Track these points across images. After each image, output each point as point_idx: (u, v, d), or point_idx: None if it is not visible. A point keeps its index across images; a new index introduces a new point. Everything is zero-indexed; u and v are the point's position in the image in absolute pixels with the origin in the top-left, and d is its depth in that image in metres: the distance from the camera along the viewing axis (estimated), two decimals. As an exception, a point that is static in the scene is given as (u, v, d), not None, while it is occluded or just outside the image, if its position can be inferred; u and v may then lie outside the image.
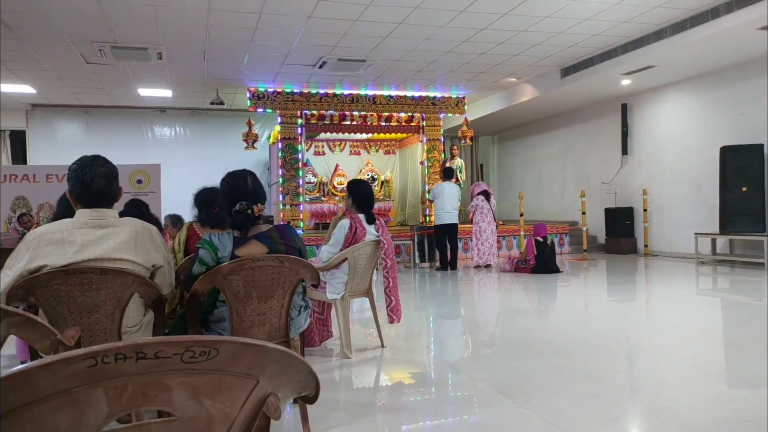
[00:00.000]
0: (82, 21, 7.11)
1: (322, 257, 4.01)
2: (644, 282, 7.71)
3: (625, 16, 7.48)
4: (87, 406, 0.80)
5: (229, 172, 2.61)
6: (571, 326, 4.96)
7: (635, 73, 9.31)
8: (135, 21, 7.15)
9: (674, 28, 7.81)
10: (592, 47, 8.80)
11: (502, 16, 7.30)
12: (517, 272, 8.50)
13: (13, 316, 1.55)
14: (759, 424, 2.63)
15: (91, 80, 10.07)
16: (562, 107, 12.26)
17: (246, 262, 2.42)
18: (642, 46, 8.35)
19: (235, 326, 2.45)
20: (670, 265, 9.05)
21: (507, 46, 8.58)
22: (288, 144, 10.87)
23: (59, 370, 0.77)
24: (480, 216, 9.24)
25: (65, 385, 0.78)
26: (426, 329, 5.19)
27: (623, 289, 7.08)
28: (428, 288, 7.68)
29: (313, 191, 12.10)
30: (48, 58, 8.71)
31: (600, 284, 7.59)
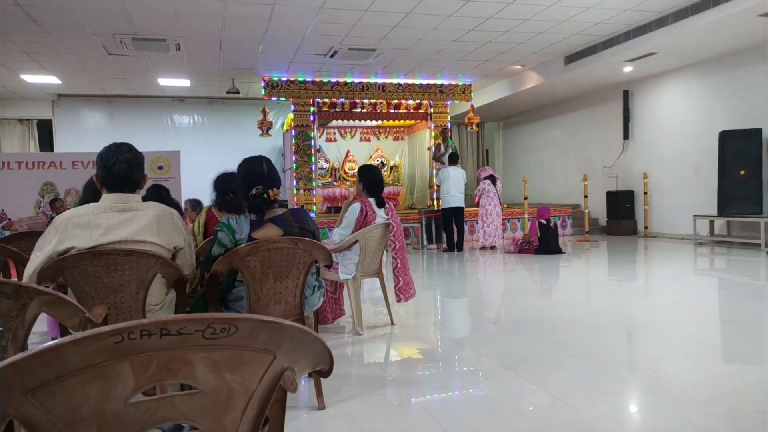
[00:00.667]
0: (104, 14, 7.10)
1: (335, 239, 4.02)
2: (644, 262, 7.67)
3: (628, 4, 7.35)
4: (115, 380, 0.82)
5: (246, 158, 2.62)
6: (573, 305, 4.96)
7: (637, 60, 9.17)
8: (154, 13, 7.13)
9: (676, 16, 7.67)
10: (596, 35, 8.67)
11: (507, 5, 7.20)
12: (521, 253, 8.48)
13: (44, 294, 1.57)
14: (753, 398, 2.62)
15: (113, 71, 10.08)
16: (565, 94, 12.11)
17: (262, 244, 2.43)
18: (644, 34, 8.21)
19: (252, 305, 2.48)
20: (669, 247, 8.99)
21: (512, 34, 8.47)
22: (301, 131, 10.85)
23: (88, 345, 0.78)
24: (486, 199, 9.20)
25: (94, 360, 0.79)
26: (434, 307, 5.22)
27: (623, 270, 7.06)
28: (436, 268, 7.69)
29: (325, 176, 12.10)
30: (72, 50, 8.72)
31: (601, 265, 7.56)
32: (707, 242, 9.14)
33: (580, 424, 2.39)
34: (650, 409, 2.58)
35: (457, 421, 2.48)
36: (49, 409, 0.79)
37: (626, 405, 2.68)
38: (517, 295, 5.56)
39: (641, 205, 10.70)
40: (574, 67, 9.78)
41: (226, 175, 3.40)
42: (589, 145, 12.27)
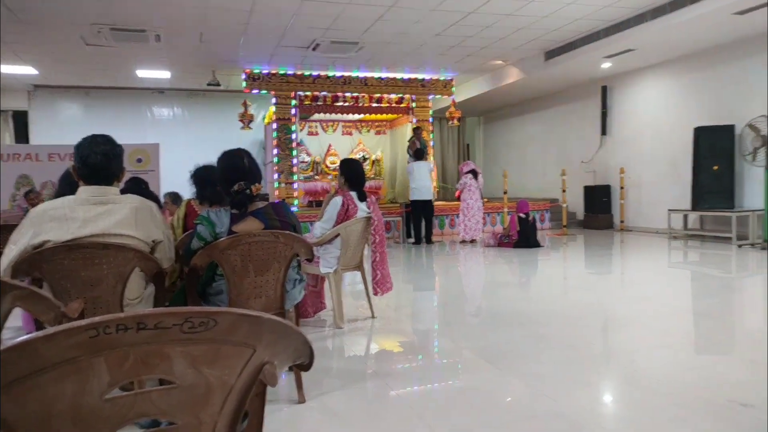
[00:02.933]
0: (82, 3, 6.94)
1: (316, 233, 4.01)
2: (620, 256, 7.79)
3: (608, 1, 7.41)
4: (90, 375, 0.80)
5: (226, 152, 2.58)
6: (551, 298, 5.01)
7: (616, 56, 9.26)
8: (134, 3, 6.99)
9: (654, 12, 7.75)
10: (575, 31, 8.73)
11: (488, 0, 7.21)
12: (500, 247, 8.55)
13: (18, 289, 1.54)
14: (726, 388, 2.68)
15: (92, 62, 9.88)
16: (545, 89, 12.20)
17: (243, 237, 2.41)
18: (623, 30, 8.29)
19: (232, 298, 2.46)
20: (644, 240, 9.14)
21: (493, 29, 8.50)
22: (282, 124, 10.77)
23: (62, 340, 0.77)
24: (468, 193, 9.25)
25: (68, 355, 0.78)
26: (414, 300, 5.23)
27: (600, 263, 7.15)
28: (416, 262, 7.72)
29: (306, 170, 12.04)
30: (49, 41, 8.52)
31: (578, 258, 7.66)
32: (681, 236, 9.31)
33: (557, 415, 2.43)
34: (626, 399, 2.62)
35: (437, 413, 2.49)
36: (23, 405, 0.77)
37: (603, 396, 2.72)
38: (496, 288, 5.60)
39: (618, 199, 10.84)
40: (553, 63, 9.85)
41: (205, 168, 3.36)
42: (567, 140, 12.38)
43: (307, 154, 12.11)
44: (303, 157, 11.93)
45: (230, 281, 2.45)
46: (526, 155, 13.90)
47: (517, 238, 8.40)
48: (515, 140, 14.40)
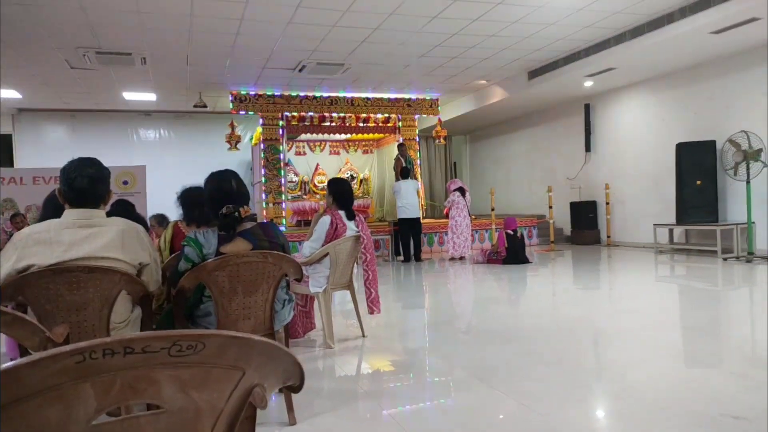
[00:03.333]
0: (67, 27, 6.94)
1: (305, 252, 3.99)
2: (607, 270, 7.83)
3: (588, 21, 7.57)
4: (75, 401, 0.78)
5: (213, 174, 2.58)
6: (541, 313, 5.02)
7: (597, 74, 9.43)
8: (119, 27, 7.01)
9: (633, 33, 7.93)
10: (558, 50, 8.89)
11: (472, 21, 7.33)
12: (489, 263, 8.56)
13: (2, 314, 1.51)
14: (717, 401, 2.69)
15: (77, 85, 9.85)
16: (529, 108, 12.36)
17: (231, 258, 2.39)
18: (603, 50, 8.45)
19: (221, 320, 2.43)
20: (631, 255, 9.21)
21: (477, 50, 8.62)
22: (270, 145, 10.79)
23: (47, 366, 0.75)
24: (456, 211, 9.29)
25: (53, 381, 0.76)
26: (405, 319, 5.21)
27: (588, 278, 7.19)
28: (406, 280, 7.70)
29: (294, 190, 12.03)
30: (34, 64, 8.49)
31: (566, 273, 7.69)
32: (667, 250, 9.40)
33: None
34: (617, 414, 2.62)
35: (430, 433, 2.46)
36: (6, 435, 0.75)
37: (594, 411, 2.71)
38: (486, 305, 5.60)
39: (604, 215, 10.95)
40: (537, 82, 10.00)
41: (191, 189, 3.34)
42: (552, 157, 12.52)
43: (294, 173, 12.11)
44: (291, 177, 11.93)
45: (218, 303, 2.42)
46: (513, 173, 14.02)
47: (506, 255, 8.42)
48: (501, 158, 14.53)
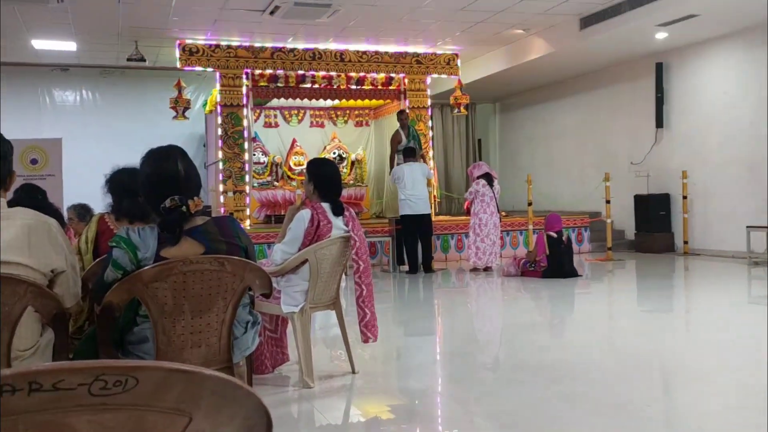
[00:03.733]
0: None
1: (275, 259, 3.99)
2: (683, 288, 7.86)
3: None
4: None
5: (152, 151, 2.57)
6: (592, 344, 5.03)
7: (674, 23, 9.42)
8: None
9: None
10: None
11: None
12: (524, 276, 8.58)
13: None
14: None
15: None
16: (581, 67, 12.36)
17: (175, 265, 2.39)
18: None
19: (161, 348, 2.43)
20: (716, 267, 9.23)
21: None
22: (230, 113, 10.78)
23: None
24: (480, 205, 9.29)
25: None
26: (409, 349, 5.22)
27: (657, 298, 7.20)
28: (412, 297, 7.71)
29: (263, 174, 12.04)
30: None
31: (628, 291, 7.70)
32: (764, 261, 9.41)
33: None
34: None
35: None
36: None
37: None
38: (519, 332, 5.61)
39: (679, 213, 10.96)
40: (591, 33, 10.00)
41: (124, 172, 3.34)
42: (611, 134, 12.53)
43: (263, 152, 12.12)
44: (258, 156, 11.93)
45: (158, 325, 2.42)
46: (557, 154, 14.02)
47: (547, 265, 8.44)
48: (542, 135, 14.53)
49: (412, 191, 9.29)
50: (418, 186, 9.35)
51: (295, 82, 11.07)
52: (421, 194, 9.37)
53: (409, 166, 9.46)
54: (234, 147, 10.79)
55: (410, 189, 9.29)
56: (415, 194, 9.30)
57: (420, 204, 9.33)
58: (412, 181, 9.33)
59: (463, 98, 11.73)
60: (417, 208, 9.30)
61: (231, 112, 10.80)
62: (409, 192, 9.28)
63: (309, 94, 11.36)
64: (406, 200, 9.33)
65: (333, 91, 11.43)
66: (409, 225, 9.34)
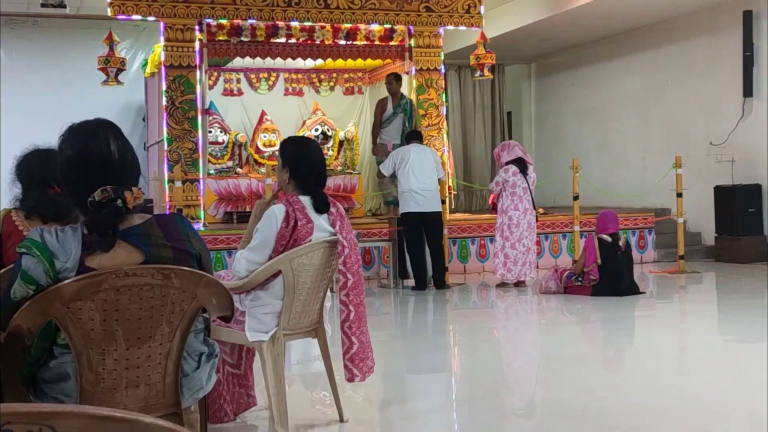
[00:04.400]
0: None
1: (238, 270, 3.98)
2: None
3: None
4: None
5: (74, 128, 2.56)
6: (659, 385, 5.02)
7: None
8: None
9: None
10: None
11: None
12: (568, 293, 8.57)
13: None
14: None
15: None
16: (644, 16, 12.35)
17: (105, 278, 2.38)
18: None
19: (86, 388, 2.42)
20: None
21: None
22: (178, 77, 10.75)
23: None
24: (510, 199, 9.27)
25: None
26: (415, 391, 5.22)
27: (745, 323, 7.17)
28: (419, 321, 7.70)
29: (221, 158, 12.02)
30: None
31: (707, 314, 7.69)
32: None
33: None
34: None
35: None
36: None
37: None
38: (561, 369, 5.61)
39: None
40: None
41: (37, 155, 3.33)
42: (685, 106, 12.51)
43: (222, 129, 12.10)
44: (215, 134, 11.91)
45: (82, 358, 2.42)
46: (612, 132, 14.02)
47: (598, 279, 8.43)
48: (592, 106, 14.52)
49: (420, 182, 9.25)
50: (427, 175, 9.32)
51: (265, 36, 11.03)
52: (431, 186, 9.34)
53: (417, 149, 9.46)
54: (183, 122, 10.75)
55: (417, 178, 9.24)
56: (424, 186, 9.26)
57: (429, 199, 9.28)
58: (420, 169, 9.28)
59: (488, 58, 11.68)
60: (425, 204, 9.25)
61: (179, 75, 10.75)
62: (413, 182, 9.23)
63: (283, 51, 11.31)
64: (410, 194, 9.26)
65: (315, 48, 11.38)
66: (413, 226, 9.29)
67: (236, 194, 11.68)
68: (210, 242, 9.30)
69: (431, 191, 9.32)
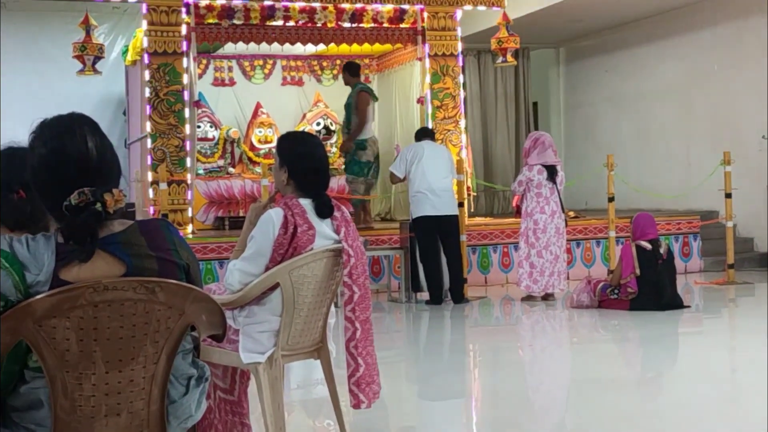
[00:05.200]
0: None
1: (231, 283, 3.99)
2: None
3: None
4: None
5: (47, 123, 2.57)
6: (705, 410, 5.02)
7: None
8: None
9: None
10: None
11: None
12: (603, 308, 8.54)
13: None
14: None
15: None
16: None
17: (82, 293, 2.39)
18: None
19: (60, 417, 2.43)
20: None
21: None
22: (162, 65, 10.76)
23: None
24: (535, 201, 9.26)
25: None
26: (429, 418, 5.22)
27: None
28: (433, 340, 7.69)
29: (211, 156, 12.04)
30: None
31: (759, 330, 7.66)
32: None
33: None
34: None
35: None
36: None
37: None
38: (594, 393, 5.60)
39: (837, 212, 10.92)
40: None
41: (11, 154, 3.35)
42: (732, 95, 12.48)
43: (212, 123, 12.11)
44: (204, 130, 11.92)
45: (56, 382, 2.42)
46: (653, 125, 13.99)
47: (637, 291, 8.41)
48: (629, 95, 14.50)
49: (435, 182, 9.25)
50: (442, 174, 9.33)
51: (260, 19, 11.04)
52: (447, 186, 9.35)
53: (430, 146, 9.47)
54: (169, 115, 10.77)
55: (432, 178, 9.24)
56: (439, 186, 9.26)
57: (445, 200, 9.29)
58: (435, 167, 9.29)
59: (511, 41, 11.67)
60: (441, 206, 9.25)
61: (164, 63, 10.77)
62: (431, 183, 9.23)
63: (280, 36, 11.32)
64: (423, 195, 9.24)
65: (316, 32, 11.40)
66: (429, 232, 9.30)
67: (228, 197, 11.70)
68: (199, 251, 9.32)
69: (447, 192, 9.32)
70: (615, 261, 9.35)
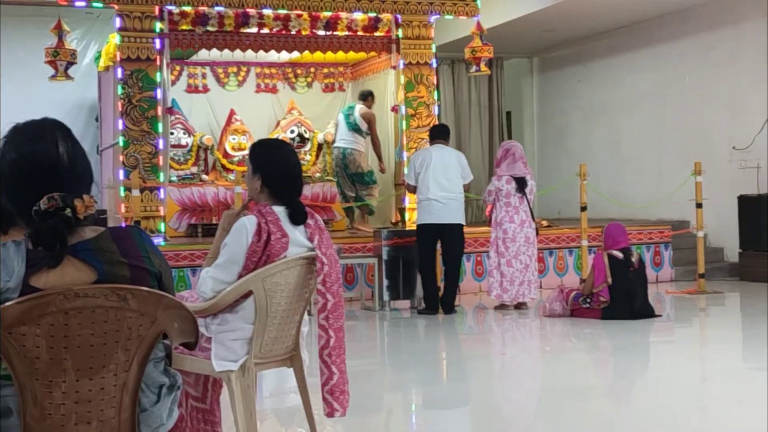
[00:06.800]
0: None
1: (204, 290, 3.98)
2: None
3: None
4: None
5: (18, 128, 2.55)
6: (676, 418, 5.03)
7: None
8: None
9: None
10: None
11: None
12: (575, 316, 8.57)
13: None
14: None
15: None
16: (658, 5, 12.40)
17: (52, 299, 2.37)
18: None
19: (30, 425, 2.41)
20: None
21: None
22: (136, 71, 10.72)
23: None
24: (504, 211, 9.28)
25: None
26: (399, 427, 5.20)
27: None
28: (408, 349, 7.69)
29: (184, 163, 11.99)
30: None
31: (730, 339, 7.71)
32: None
33: None
34: None
35: None
36: None
37: None
38: (566, 402, 5.61)
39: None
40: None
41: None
42: (705, 105, 12.55)
43: (185, 130, 12.07)
44: (178, 136, 11.87)
45: (25, 390, 2.40)
46: (624, 135, 14.05)
47: (609, 300, 8.45)
48: (602, 105, 14.57)
49: (441, 189, 9.17)
50: (451, 180, 9.25)
51: (234, 25, 11.03)
52: (454, 194, 9.25)
53: (440, 150, 9.40)
54: (141, 122, 10.72)
55: (439, 185, 9.15)
56: (446, 194, 9.17)
57: (450, 208, 9.19)
58: (444, 173, 9.22)
59: (485, 51, 11.70)
60: (445, 213, 9.16)
61: (137, 69, 10.73)
62: (437, 190, 9.14)
63: (254, 43, 11.31)
64: (428, 202, 9.19)
65: (291, 39, 11.39)
66: (429, 240, 9.24)
67: (201, 204, 11.65)
68: (171, 259, 9.28)
69: (453, 200, 9.22)
70: (587, 270, 9.38)
